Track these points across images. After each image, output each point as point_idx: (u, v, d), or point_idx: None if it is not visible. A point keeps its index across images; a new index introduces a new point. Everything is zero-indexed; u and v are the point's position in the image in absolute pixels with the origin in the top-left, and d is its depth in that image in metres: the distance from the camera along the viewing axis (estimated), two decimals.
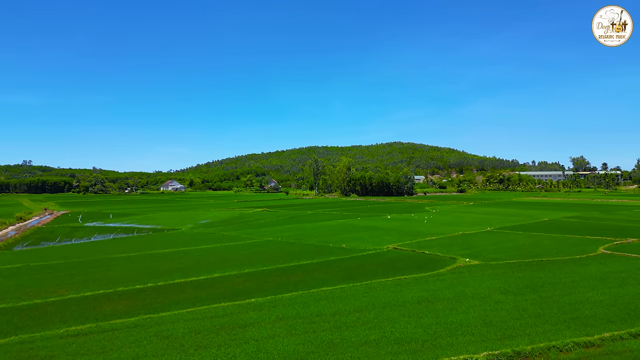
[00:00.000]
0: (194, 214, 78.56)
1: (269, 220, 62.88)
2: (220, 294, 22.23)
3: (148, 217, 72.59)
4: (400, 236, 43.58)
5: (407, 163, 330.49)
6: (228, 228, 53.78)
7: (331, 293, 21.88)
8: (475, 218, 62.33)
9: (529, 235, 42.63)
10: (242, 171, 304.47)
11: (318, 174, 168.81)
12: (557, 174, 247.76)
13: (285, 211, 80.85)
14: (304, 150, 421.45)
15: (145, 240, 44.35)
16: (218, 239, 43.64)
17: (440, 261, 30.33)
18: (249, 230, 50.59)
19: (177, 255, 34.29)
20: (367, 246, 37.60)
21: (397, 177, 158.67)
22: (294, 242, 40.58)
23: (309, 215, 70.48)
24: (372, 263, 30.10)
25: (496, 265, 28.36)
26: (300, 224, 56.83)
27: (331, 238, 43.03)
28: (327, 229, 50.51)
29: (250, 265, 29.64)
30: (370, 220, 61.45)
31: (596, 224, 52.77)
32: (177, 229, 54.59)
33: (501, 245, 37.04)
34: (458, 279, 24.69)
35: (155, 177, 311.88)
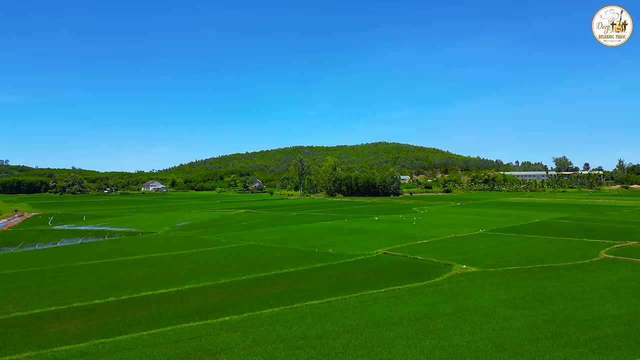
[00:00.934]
0: (173, 215, 75.12)
1: (251, 223, 59.98)
2: (191, 310, 19.44)
3: (124, 219, 68.95)
4: (390, 239, 41.23)
5: (392, 163, 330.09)
6: (207, 231, 50.74)
7: (317, 308, 19.28)
8: (465, 219, 60.46)
9: (524, 238, 40.71)
10: (225, 171, 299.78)
11: (303, 174, 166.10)
12: (540, 174, 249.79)
13: (269, 212, 77.98)
14: (289, 150, 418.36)
15: (115, 245, 41.08)
16: (195, 244, 40.65)
17: (435, 268, 28.00)
18: (229, 234, 47.65)
19: (147, 263, 31.25)
20: (355, 251, 35.12)
21: (384, 177, 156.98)
22: (277, 247, 37.88)
23: (293, 217, 67.77)
24: (361, 270, 27.60)
25: (496, 273, 26.15)
26: (284, 227, 54.11)
27: (317, 242, 40.45)
28: (312, 232, 47.91)
29: (228, 274, 26.85)
30: (357, 222, 59.06)
31: (590, 225, 51.30)
32: (152, 232, 51.33)
33: (497, 249, 34.94)
34: (457, 289, 22.34)
35: (137, 177, 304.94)
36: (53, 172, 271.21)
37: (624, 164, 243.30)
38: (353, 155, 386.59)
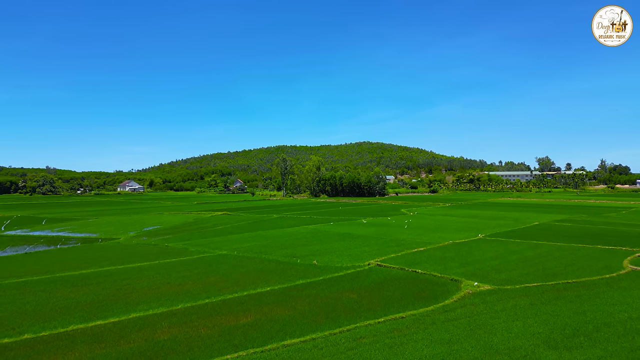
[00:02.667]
0: (143, 218, 69.13)
1: (227, 227, 54.65)
2: (127, 356, 14.34)
3: (88, 223, 62.78)
4: (382, 247, 36.58)
5: (376, 163, 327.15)
6: (176, 237, 45.28)
7: (298, 353, 14.38)
8: (459, 222, 56.29)
9: (531, 245, 36.51)
10: (206, 171, 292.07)
11: (286, 174, 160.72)
12: (524, 174, 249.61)
13: (248, 215, 72.62)
14: (272, 149, 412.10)
15: (65, 256, 35.37)
16: (158, 253, 35.26)
17: (440, 285, 23.38)
18: (200, 240, 42.32)
19: (94, 280, 25.84)
20: (343, 262, 30.32)
21: (369, 177, 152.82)
22: (252, 257, 32.80)
23: (274, 220, 62.65)
24: (352, 289, 22.78)
25: (514, 292, 21.65)
26: (263, 231, 48.99)
27: (299, 250, 35.53)
28: (294, 238, 42.95)
29: (188, 296, 21.72)
30: (344, 225, 54.30)
31: (594, 229, 47.57)
32: (114, 238, 45.62)
33: (505, 259, 30.56)
34: (475, 318, 17.70)
35: (115, 177, 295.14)
36: (26, 171, 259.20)
37: (605, 164, 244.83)
38: (337, 155, 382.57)
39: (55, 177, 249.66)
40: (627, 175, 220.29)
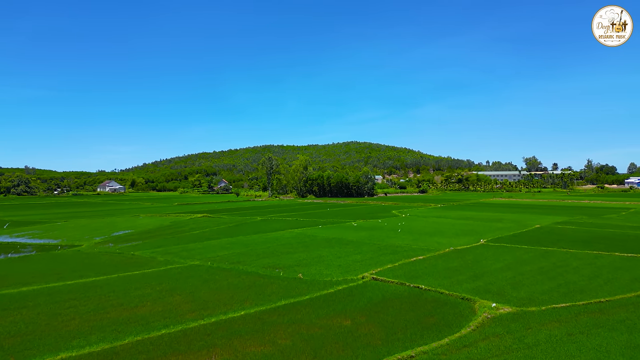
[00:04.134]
0: (115, 221, 64.07)
1: (206, 231, 50.12)
2: None
3: (54, 227, 57.60)
4: (376, 255, 32.58)
5: (364, 163, 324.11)
6: (146, 244, 40.66)
7: None
8: (455, 225, 52.66)
9: (541, 252, 32.89)
10: (191, 171, 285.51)
11: (272, 173, 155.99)
12: (513, 173, 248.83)
13: (231, 217, 68.05)
14: (259, 149, 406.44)
15: (8, 268, 30.44)
16: (120, 265, 30.69)
17: (450, 306, 19.42)
18: (172, 248, 37.80)
19: (31, 301, 21.26)
20: (333, 274, 26.25)
21: (357, 177, 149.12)
22: (228, 269, 28.49)
23: (258, 223, 58.27)
24: (344, 313, 18.69)
25: (542, 316, 17.81)
26: (245, 236, 44.63)
27: (283, 259, 31.34)
28: (278, 244, 38.72)
29: (140, 325, 17.36)
30: (332, 229, 50.23)
31: (602, 233, 44.32)
32: (76, 245, 40.81)
33: (518, 270, 26.81)
34: (505, 358, 13.74)
35: (96, 177, 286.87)
36: (3, 171, 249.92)
37: (592, 163, 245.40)
38: (324, 155, 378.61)
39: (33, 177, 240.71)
40: (615, 175, 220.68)
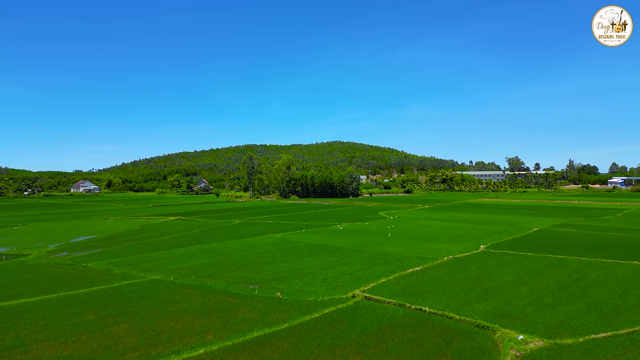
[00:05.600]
0: (79, 225, 58.63)
1: (176, 236, 45.37)
2: None
3: (9, 232, 52.00)
4: (367, 265, 28.56)
5: (348, 162, 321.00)
6: (105, 252, 35.79)
7: None
8: (448, 228, 49.09)
9: (552, 261, 29.35)
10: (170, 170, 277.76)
11: (253, 173, 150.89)
12: (496, 173, 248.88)
13: (206, 220, 63.24)
14: (241, 148, 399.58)
15: None
16: (65, 280, 25.89)
17: (465, 338, 15.44)
18: (133, 257, 33.05)
19: None
20: (318, 291, 22.10)
21: (342, 176, 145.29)
22: (194, 285, 24.04)
23: (235, 227, 53.72)
24: (333, 350, 14.52)
25: (584, 353, 13.98)
26: (219, 243, 40.11)
27: (259, 272, 27.04)
28: (255, 252, 34.37)
29: None
30: (317, 233, 46.07)
31: (608, 237, 41.23)
32: (23, 254, 35.68)
33: (532, 284, 23.08)
34: None
35: (72, 177, 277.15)
36: None
37: (574, 163, 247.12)
38: (308, 155, 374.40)
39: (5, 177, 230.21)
40: (597, 175, 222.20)
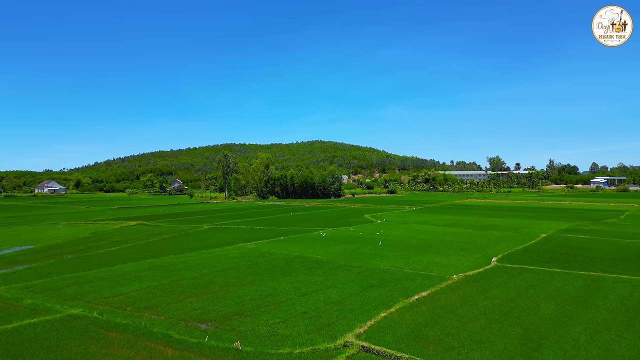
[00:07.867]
0: (20, 232, 50.66)
1: (128, 247, 38.25)
2: None
3: None
4: (359, 288, 22.32)
5: (329, 162, 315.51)
6: (29, 270, 28.49)
7: None
8: (444, 234, 43.38)
9: (586, 281, 23.71)
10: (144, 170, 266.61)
11: (229, 173, 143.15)
12: (479, 173, 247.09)
13: (171, 225, 56.02)
14: (219, 147, 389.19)
15: None
16: None
17: None
18: (61, 278, 25.93)
19: None
20: (294, 335, 15.76)
21: (323, 176, 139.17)
22: (123, 325, 17.29)
23: (201, 234, 46.81)
24: None
25: None
26: (176, 256, 33.26)
27: (217, 301, 20.47)
28: (218, 269, 27.74)
29: None
30: (296, 242, 39.67)
31: (629, 245, 36.11)
32: None
33: (585, 320, 17.25)
34: None
35: (40, 176, 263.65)
36: None
37: (554, 163, 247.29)
38: (288, 154, 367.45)
39: None
40: (577, 175, 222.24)
